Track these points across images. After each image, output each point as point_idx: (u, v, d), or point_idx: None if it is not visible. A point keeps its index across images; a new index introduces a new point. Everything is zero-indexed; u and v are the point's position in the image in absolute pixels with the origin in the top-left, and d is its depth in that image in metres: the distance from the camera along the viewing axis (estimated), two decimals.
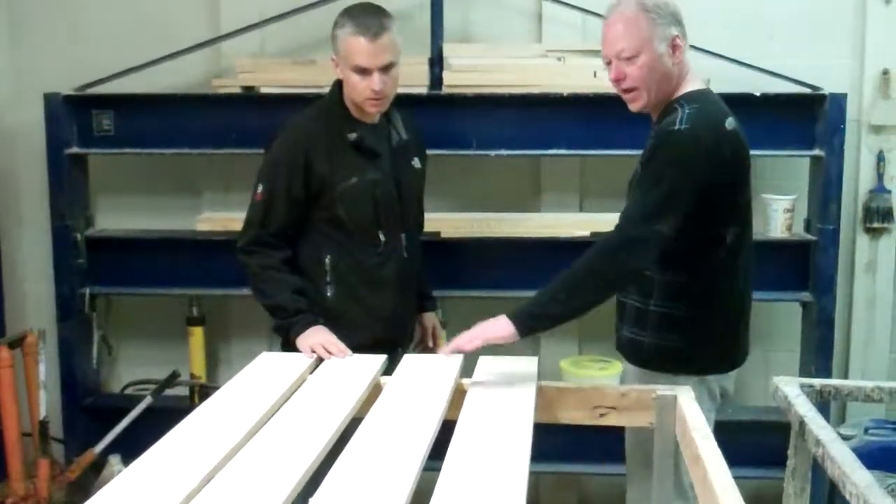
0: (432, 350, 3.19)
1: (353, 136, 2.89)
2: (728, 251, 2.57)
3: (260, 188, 2.93)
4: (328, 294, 2.93)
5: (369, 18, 2.82)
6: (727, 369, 2.70)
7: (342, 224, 2.90)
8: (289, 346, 2.85)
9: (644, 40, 2.52)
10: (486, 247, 4.00)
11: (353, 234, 2.92)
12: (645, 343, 2.64)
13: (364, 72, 2.80)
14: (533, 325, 2.47)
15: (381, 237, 2.94)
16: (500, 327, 2.44)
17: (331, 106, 2.96)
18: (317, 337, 2.75)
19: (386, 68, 2.82)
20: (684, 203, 2.45)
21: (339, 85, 2.96)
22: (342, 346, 2.71)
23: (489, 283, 4.01)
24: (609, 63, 2.61)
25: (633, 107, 2.64)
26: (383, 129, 3.00)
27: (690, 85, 2.61)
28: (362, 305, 2.94)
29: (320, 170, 2.86)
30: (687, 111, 2.50)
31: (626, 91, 2.61)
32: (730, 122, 2.55)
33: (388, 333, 2.96)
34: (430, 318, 3.29)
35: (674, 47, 2.55)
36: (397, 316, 3.03)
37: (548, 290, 2.49)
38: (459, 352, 2.51)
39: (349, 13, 2.87)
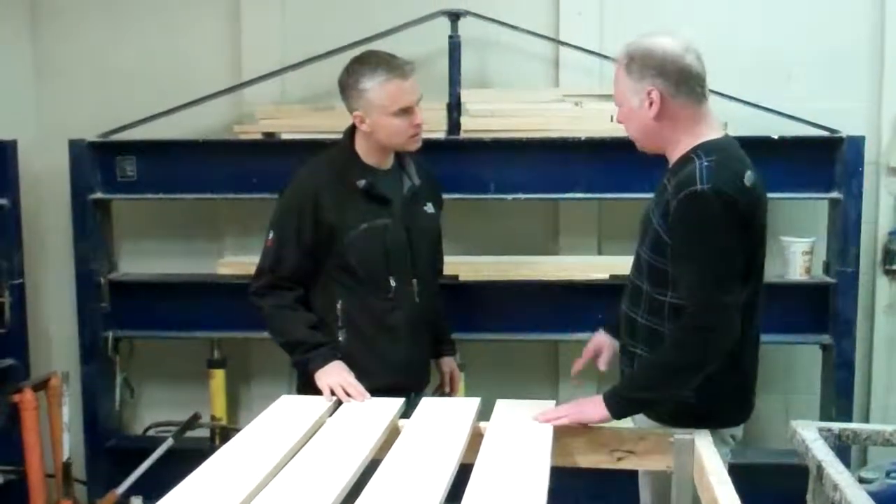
0: (450, 395, 3.19)
1: (362, 182, 2.90)
2: (745, 307, 2.48)
3: (271, 235, 2.96)
4: (340, 339, 2.93)
5: (394, 59, 2.87)
6: (741, 422, 2.66)
7: (352, 271, 2.91)
8: (307, 388, 2.86)
9: (620, 93, 2.56)
10: (505, 290, 4.01)
11: (363, 281, 2.92)
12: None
13: (406, 111, 2.85)
14: (628, 411, 2.53)
15: (392, 283, 2.94)
16: (595, 411, 2.48)
17: (341, 154, 2.98)
18: (336, 376, 2.76)
19: (419, 101, 2.90)
20: (737, 262, 2.43)
21: (350, 133, 2.98)
22: (361, 388, 2.73)
23: (508, 327, 4.03)
24: None
25: (638, 147, 2.66)
26: (395, 175, 3.01)
27: (708, 133, 2.53)
28: (374, 351, 2.94)
29: (329, 217, 2.88)
30: (705, 164, 2.42)
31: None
32: (748, 178, 2.47)
33: (401, 379, 2.92)
34: (449, 363, 3.28)
35: (649, 102, 2.49)
36: (411, 363, 3.02)
37: (642, 376, 2.54)
38: (548, 423, 2.50)
39: (368, 63, 2.87)
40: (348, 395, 2.71)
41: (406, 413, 2.62)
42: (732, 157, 2.52)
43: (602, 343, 2.94)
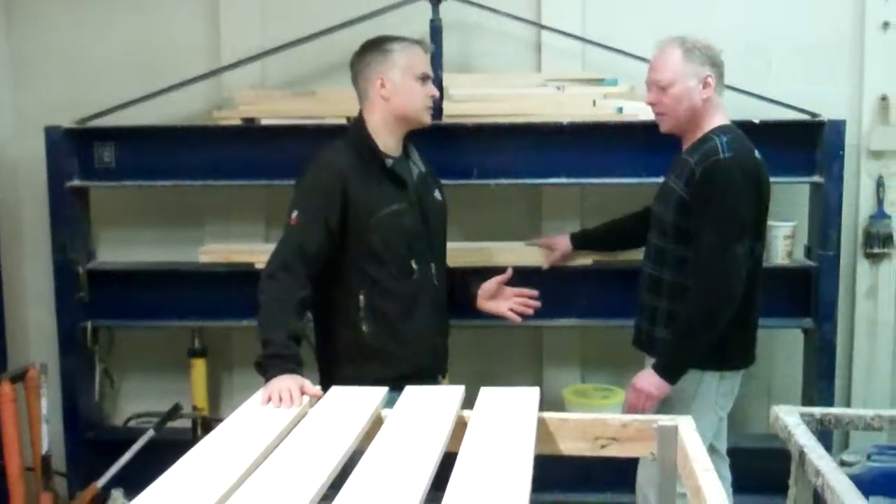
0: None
1: (389, 161, 2.96)
2: (755, 262, 3.00)
3: (295, 213, 2.87)
4: (364, 330, 2.90)
5: (410, 37, 3.05)
6: (745, 365, 3.13)
7: (377, 255, 2.91)
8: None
9: (678, 74, 2.99)
10: (488, 275, 3.98)
11: (387, 265, 2.92)
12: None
13: (426, 79, 2.99)
14: (679, 373, 2.96)
15: (414, 266, 2.96)
16: (659, 384, 2.95)
17: (359, 138, 3.00)
18: (280, 383, 2.55)
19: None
20: (750, 222, 2.93)
21: (360, 121, 3.02)
22: (297, 394, 2.51)
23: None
24: (649, 87, 3.08)
25: (662, 128, 3.10)
26: (405, 163, 3.07)
27: (720, 119, 3.04)
28: (400, 337, 2.94)
29: (357, 199, 2.88)
30: (725, 140, 2.93)
31: (658, 114, 3.08)
32: (757, 153, 3.00)
33: (428, 363, 2.98)
34: (476, 285, 3.29)
35: (704, 84, 2.99)
36: (435, 344, 3.06)
37: (675, 340, 2.97)
38: (636, 412, 2.85)
39: (386, 38, 3.03)
40: (280, 400, 2.49)
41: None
42: (744, 137, 3.04)
43: (558, 244, 3.75)
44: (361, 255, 2.90)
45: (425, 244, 3.01)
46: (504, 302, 3.28)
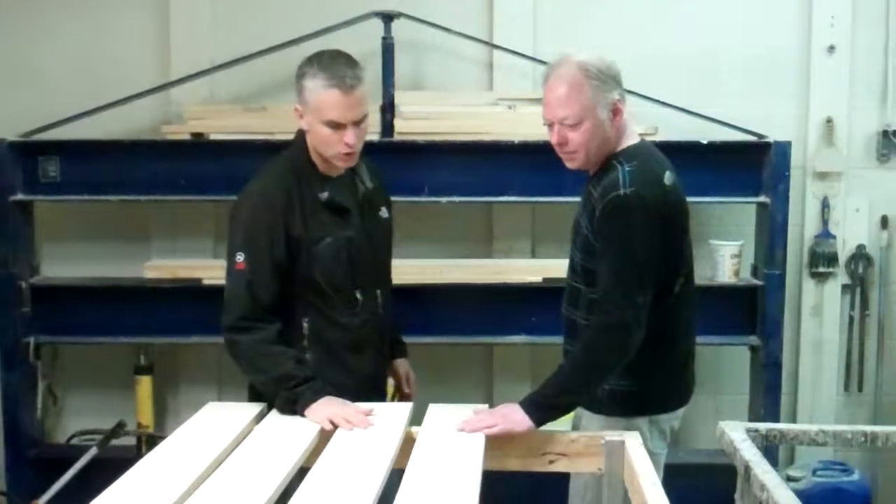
0: (409, 397, 3.08)
1: (324, 195, 2.74)
2: (676, 298, 2.62)
3: (240, 257, 2.67)
4: (308, 358, 2.75)
5: (343, 69, 2.63)
6: (676, 408, 2.73)
7: (318, 286, 2.74)
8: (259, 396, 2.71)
9: (587, 108, 2.53)
10: (439, 293, 4.00)
11: (329, 296, 2.76)
12: (599, 389, 2.62)
13: (337, 126, 2.63)
14: (548, 417, 2.51)
15: (359, 296, 2.80)
16: (519, 421, 2.47)
17: (297, 161, 2.78)
18: (334, 406, 2.54)
19: (359, 122, 2.67)
20: (653, 266, 2.52)
21: (302, 138, 2.79)
22: (362, 417, 2.52)
23: (441, 330, 4.01)
24: (551, 125, 2.60)
25: (571, 166, 2.66)
26: (349, 181, 2.85)
27: (626, 140, 2.63)
28: (343, 366, 2.78)
29: (296, 232, 2.70)
30: (627, 170, 2.53)
31: (567, 153, 2.63)
32: (668, 177, 2.59)
33: (367, 393, 2.78)
34: (404, 365, 3.14)
35: (615, 111, 2.56)
36: (377, 374, 2.93)
37: (557, 382, 2.54)
38: (477, 432, 2.47)
39: (319, 62, 2.66)
40: (351, 424, 2.50)
41: None
42: (652, 160, 2.63)
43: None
44: (304, 286, 2.75)
45: (370, 271, 2.85)
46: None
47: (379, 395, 2.95)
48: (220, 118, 4.02)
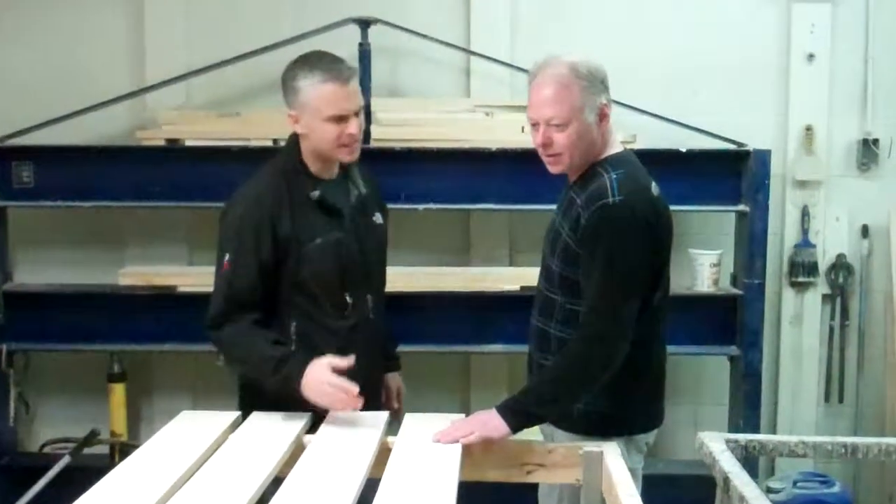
0: (397, 412, 3.01)
1: (315, 194, 2.73)
2: (652, 314, 2.52)
3: (227, 257, 2.68)
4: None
5: (334, 64, 2.67)
6: (652, 427, 2.65)
7: (307, 288, 2.72)
8: (251, 408, 2.66)
9: (575, 109, 2.46)
10: (415, 301, 3.96)
11: (318, 299, 2.74)
12: (574, 410, 2.55)
13: (340, 119, 2.66)
14: (526, 424, 2.45)
15: (348, 300, 2.77)
16: (496, 427, 2.40)
17: (289, 164, 2.79)
18: (318, 386, 2.51)
19: (358, 113, 2.70)
20: (641, 277, 2.46)
21: (294, 141, 2.80)
22: (353, 398, 2.49)
23: (418, 338, 3.95)
24: (536, 125, 2.52)
25: (554, 169, 2.58)
26: (341, 185, 2.84)
27: (611, 147, 2.57)
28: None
29: (285, 231, 2.69)
30: (615, 177, 2.46)
31: (550, 155, 2.54)
32: (654, 188, 2.55)
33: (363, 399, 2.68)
34: (395, 379, 3.09)
35: (602, 116, 2.50)
36: (368, 381, 2.80)
37: (538, 389, 2.49)
38: (454, 442, 2.40)
39: (308, 63, 2.68)
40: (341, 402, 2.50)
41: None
42: (638, 169, 2.57)
43: None
44: (292, 287, 2.73)
45: (361, 275, 2.81)
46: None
47: (373, 404, 2.82)
48: (195, 124, 3.99)
